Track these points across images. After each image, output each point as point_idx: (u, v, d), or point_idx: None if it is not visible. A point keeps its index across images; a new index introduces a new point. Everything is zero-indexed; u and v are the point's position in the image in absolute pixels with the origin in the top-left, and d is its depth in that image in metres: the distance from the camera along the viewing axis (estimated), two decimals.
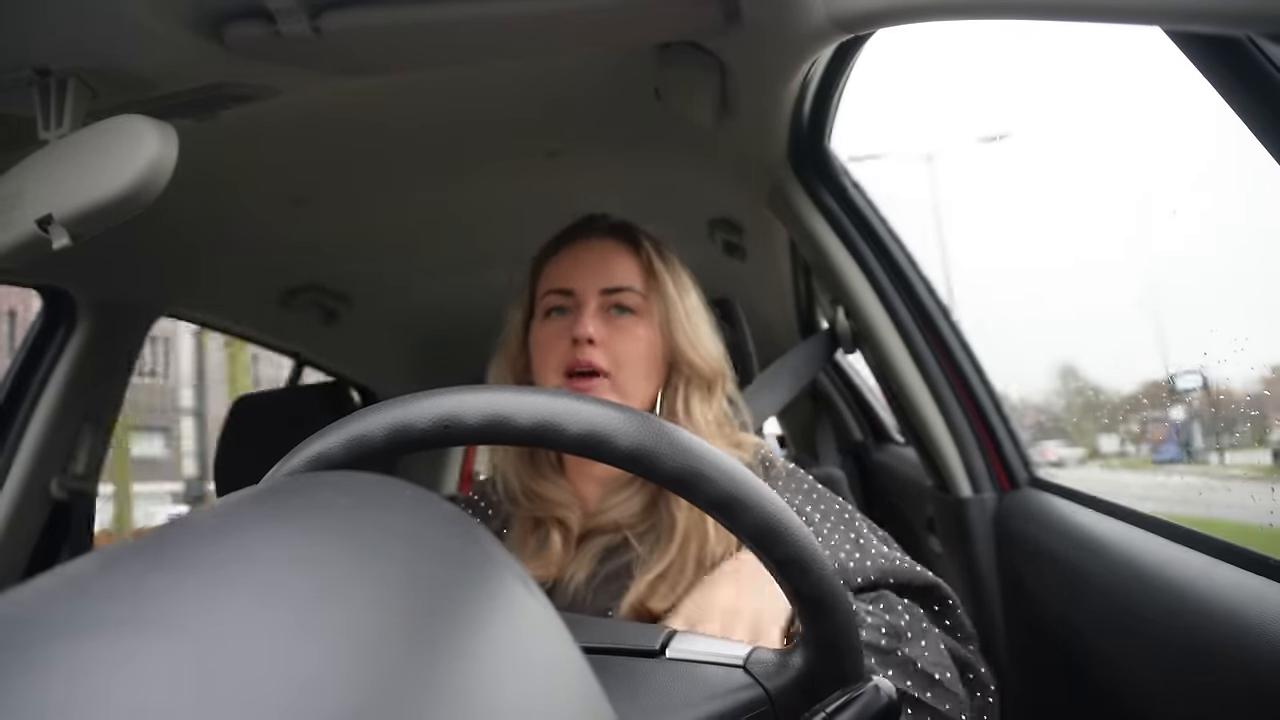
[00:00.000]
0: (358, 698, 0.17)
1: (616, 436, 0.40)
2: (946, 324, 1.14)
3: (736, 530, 0.42)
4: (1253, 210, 3.16)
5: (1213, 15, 0.44)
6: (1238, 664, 0.56)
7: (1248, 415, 1.76)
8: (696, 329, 0.87)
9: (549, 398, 0.41)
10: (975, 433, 1.12)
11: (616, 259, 0.87)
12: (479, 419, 0.40)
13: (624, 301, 0.85)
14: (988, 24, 0.67)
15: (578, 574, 0.80)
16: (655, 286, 0.86)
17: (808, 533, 0.43)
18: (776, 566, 0.42)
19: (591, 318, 0.83)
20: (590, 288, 0.85)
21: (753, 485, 0.41)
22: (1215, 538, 0.71)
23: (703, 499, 0.41)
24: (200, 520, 0.24)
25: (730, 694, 0.44)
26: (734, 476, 0.41)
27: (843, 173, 1.15)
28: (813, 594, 0.42)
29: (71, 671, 0.15)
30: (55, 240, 0.69)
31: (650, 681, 0.45)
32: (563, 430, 0.40)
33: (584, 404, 0.41)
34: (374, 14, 0.72)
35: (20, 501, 1.29)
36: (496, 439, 0.41)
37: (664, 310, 0.86)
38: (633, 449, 0.40)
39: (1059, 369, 5.05)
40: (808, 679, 0.45)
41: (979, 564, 1.09)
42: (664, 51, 0.88)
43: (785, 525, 0.41)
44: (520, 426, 0.40)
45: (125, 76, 0.78)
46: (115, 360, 1.43)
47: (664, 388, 0.87)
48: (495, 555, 0.25)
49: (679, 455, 0.41)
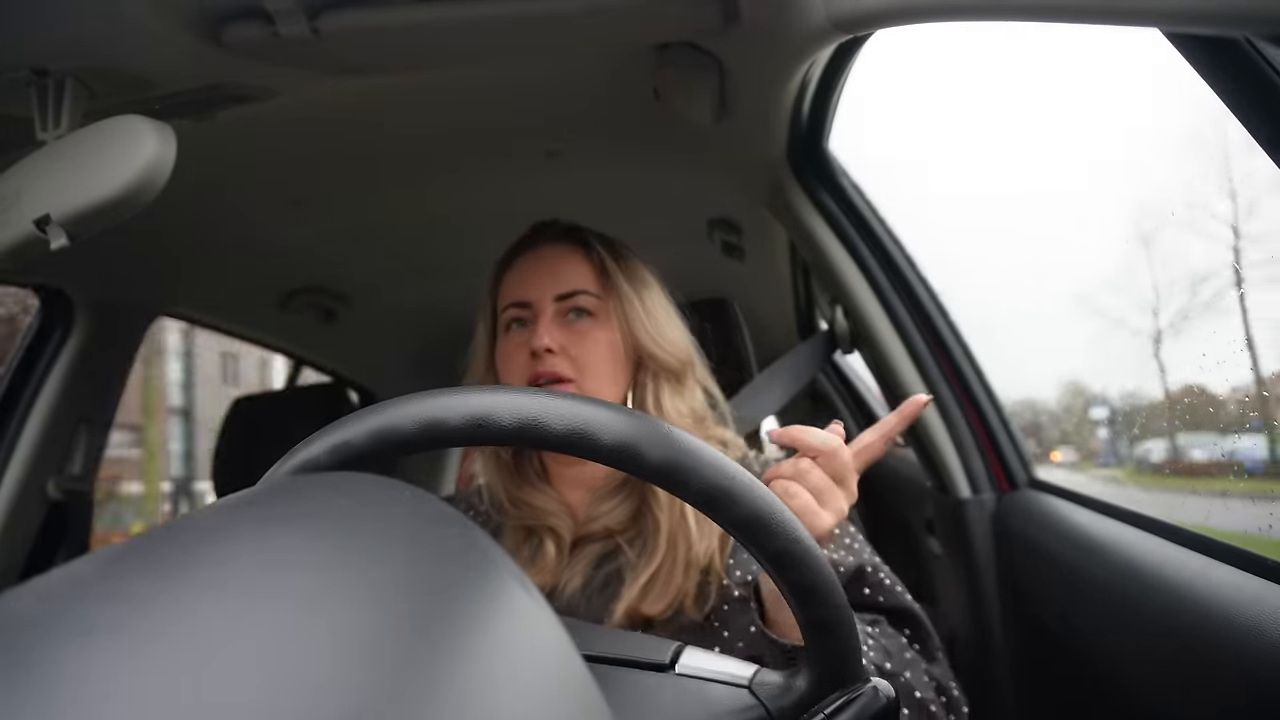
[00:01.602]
0: (358, 700, 0.17)
1: (601, 432, 0.40)
2: (945, 324, 1.14)
3: (725, 523, 0.42)
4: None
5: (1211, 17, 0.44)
6: (1235, 664, 0.56)
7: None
8: (658, 323, 0.87)
9: (532, 396, 0.41)
10: (974, 433, 1.12)
11: (568, 264, 0.87)
12: (462, 420, 0.40)
13: (580, 305, 0.85)
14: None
15: (572, 581, 0.80)
16: (610, 286, 0.86)
17: (797, 522, 0.42)
18: (768, 559, 0.42)
19: (548, 327, 0.82)
20: (544, 296, 0.85)
21: (740, 477, 0.41)
22: (1213, 539, 0.71)
23: (690, 493, 0.41)
24: (198, 521, 0.23)
25: (733, 714, 0.44)
26: (720, 468, 0.41)
27: (842, 173, 1.15)
28: (806, 584, 0.42)
29: (70, 674, 0.15)
30: (53, 240, 0.69)
31: (655, 696, 0.45)
32: (546, 428, 0.40)
33: (567, 401, 0.41)
34: (373, 15, 0.72)
35: (17, 503, 1.29)
36: (481, 440, 0.41)
37: (621, 308, 0.86)
38: (616, 444, 0.40)
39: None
40: (811, 701, 0.45)
41: (978, 565, 1.09)
42: (663, 52, 0.88)
43: (774, 516, 0.41)
44: (504, 426, 0.40)
45: (123, 77, 0.78)
46: (113, 361, 1.43)
47: (633, 386, 0.87)
48: (494, 557, 0.25)
49: (663, 449, 0.40)
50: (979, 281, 8.58)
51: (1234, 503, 0.87)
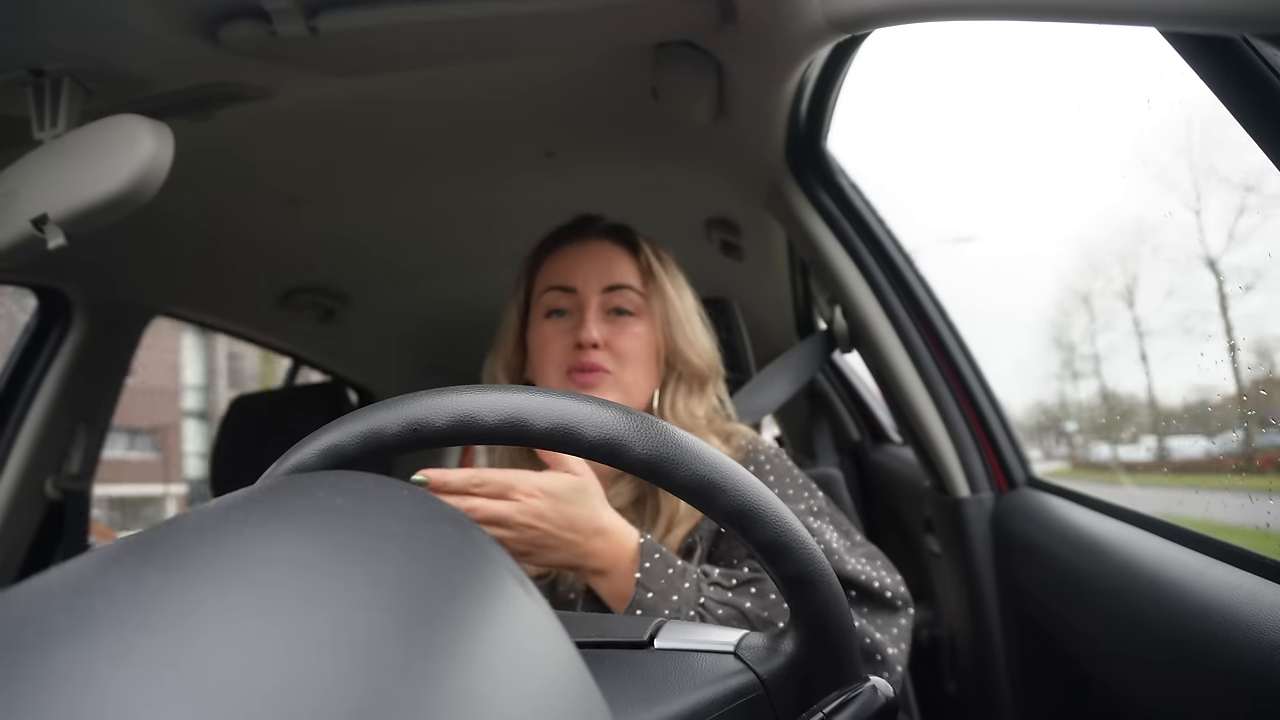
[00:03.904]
0: (356, 697, 0.17)
1: (584, 427, 0.40)
2: (944, 324, 1.14)
3: (713, 514, 0.41)
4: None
5: (1208, 16, 0.44)
6: (1234, 663, 0.56)
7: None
8: (695, 327, 0.89)
9: (514, 394, 0.41)
10: (973, 433, 1.12)
11: (616, 259, 0.88)
12: (446, 421, 0.40)
13: (624, 302, 0.86)
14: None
15: (570, 577, 0.81)
16: (654, 287, 0.88)
17: (787, 511, 0.42)
18: (757, 547, 0.42)
19: (595, 320, 0.84)
20: (592, 286, 0.86)
21: (726, 468, 0.41)
22: (1213, 538, 0.71)
23: (676, 485, 0.41)
24: (197, 520, 0.23)
25: (721, 680, 0.43)
26: (706, 460, 0.41)
27: (840, 173, 1.15)
28: (797, 574, 0.42)
29: (69, 673, 0.15)
30: (50, 240, 0.69)
31: (641, 672, 0.44)
32: (529, 426, 0.40)
33: (549, 398, 0.41)
34: (371, 14, 0.72)
35: (15, 502, 1.29)
36: (466, 439, 0.41)
37: (663, 310, 0.87)
38: (600, 439, 0.40)
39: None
40: (800, 662, 0.44)
41: (976, 564, 1.09)
42: (661, 51, 0.88)
43: (763, 506, 0.41)
44: (487, 424, 0.40)
45: (120, 76, 0.78)
46: (111, 360, 1.43)
47: (660, 386, 0.89)
48: (492, 554, 0.25)
49: (647, 442, 0.40)
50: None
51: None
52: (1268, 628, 0.54)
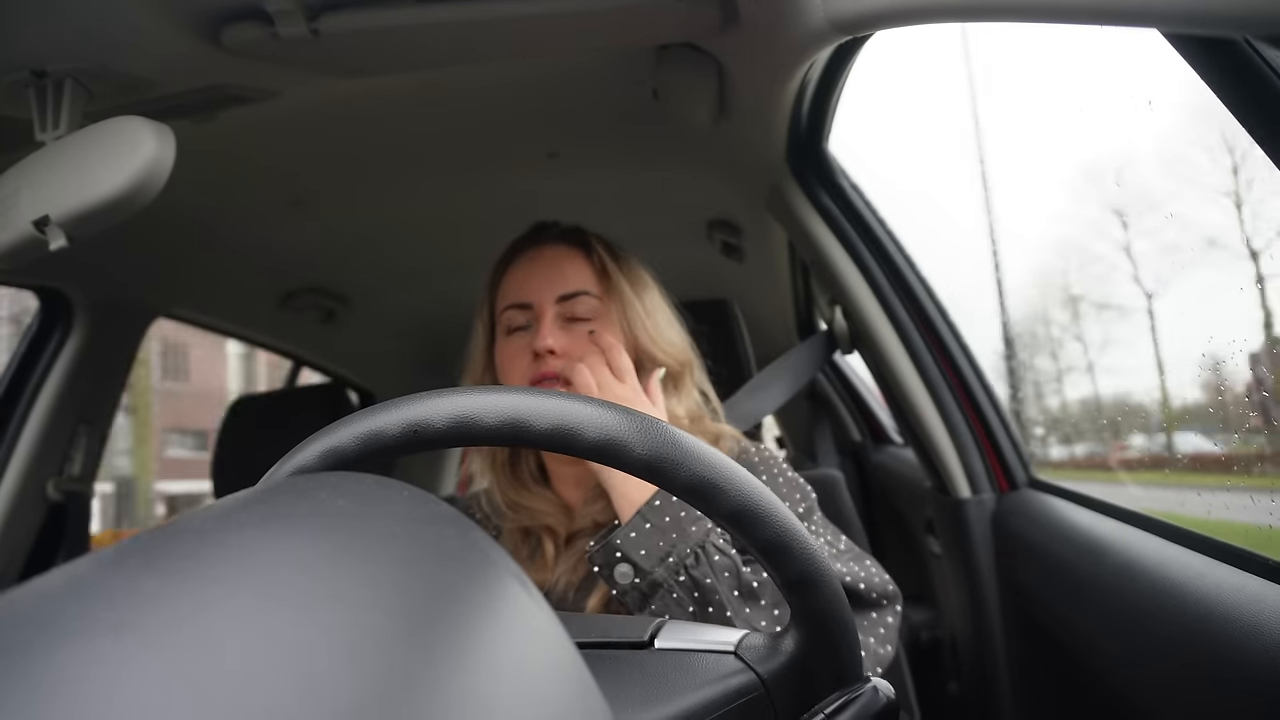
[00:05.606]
0: (357, 699, 0.17)
1: (584, 428, 0.40)
2: (945, 325, 1.14)
3: (713, 515, 0.41)
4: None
5: (1210, 18, 0.44)
6: (1235, 664, 0.56)
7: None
8: (658, 324, 0.88)
9: (514, 395, 0.41)
10: (974, 434, 1.12)
11: (569, 265, 0.87)
12: (446, 422, 0.40)
13: (580, 309, 0.85)
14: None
15: (567, 574, 0.82)
16: (610, 287, 0.86)
17: (787, 511, 0.42)
18: (758, 548, 0.41)
19: (550, 329, 0.83)
20: (546, 297, 0.85)
21: (727, 468, 0.41)
22: (1213, 538, 0.71)
23: (676, 486, 0.41)
24: (198, 522, 0.23)
25: (722, 680, 0.43)
26: (706, 460, 0.41)
27: (841, 174, 1.15)
28: (798, 574, 0.42)
29: (70, 674, 0.15)
30: (52, 241, 0.69)
31: (641, 672, 0.44)
32: (529, 427, 0.40)
33: (550, 399, 0.41)
34: (372, 16, 0.72)
35: (16, 503, 1.29)
36: (466, 440, 0.41)
37: (622, 310, 0.86)
38: (600, 440, 0.40)
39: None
40: (801, 662, 0.44)
41: (978, 565, 1.09)
42: (662, 53, 0.88)
43: (763, 506, 0.41)
44: (488, 426, 0.40)
45: (122, 78, 0.78)
46: (112, 362, 1.43)
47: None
48: (493, 556, 0.25)
49: (647, 442, 0.40)
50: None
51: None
52: (1268, 629, 0.54)
